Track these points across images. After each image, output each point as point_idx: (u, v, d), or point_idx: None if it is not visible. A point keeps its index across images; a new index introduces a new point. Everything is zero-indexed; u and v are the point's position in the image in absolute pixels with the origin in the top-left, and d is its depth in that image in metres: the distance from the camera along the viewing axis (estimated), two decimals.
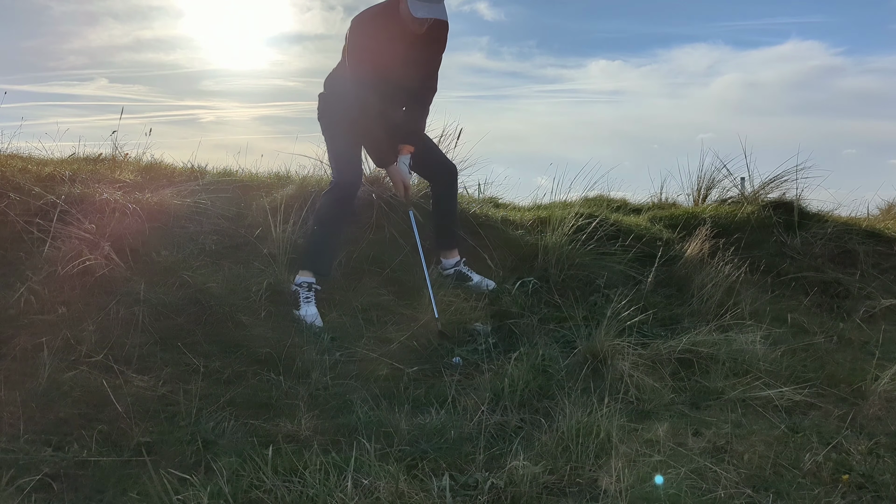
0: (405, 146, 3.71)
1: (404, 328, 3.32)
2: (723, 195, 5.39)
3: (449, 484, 2.02)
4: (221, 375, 2.75)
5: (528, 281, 3.86)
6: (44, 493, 1.93)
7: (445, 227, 3.91)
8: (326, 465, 2.00)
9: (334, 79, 3.74)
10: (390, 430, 2.35)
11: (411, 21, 3.36)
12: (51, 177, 3.74)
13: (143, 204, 3.66)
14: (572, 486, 2.09)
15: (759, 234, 4.73)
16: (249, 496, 1.90)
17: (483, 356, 3.09)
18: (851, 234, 4.83)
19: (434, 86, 3.77)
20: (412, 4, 3.30)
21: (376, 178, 4.30)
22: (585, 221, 4.24)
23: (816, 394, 2.91)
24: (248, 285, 3.37)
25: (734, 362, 3.08)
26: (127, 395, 2.44)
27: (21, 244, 3.16)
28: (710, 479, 2.17)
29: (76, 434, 2.21)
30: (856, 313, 4.07)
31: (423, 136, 3.88)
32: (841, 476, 2.22)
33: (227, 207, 4.05)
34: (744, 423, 2.60)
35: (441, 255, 3.93)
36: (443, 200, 3.89)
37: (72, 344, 2.65)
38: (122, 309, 2.90)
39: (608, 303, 3.53)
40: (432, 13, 3.33)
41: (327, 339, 3.15)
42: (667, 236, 4.59)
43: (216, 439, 2.28)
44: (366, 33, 3.46)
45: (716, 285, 3.86)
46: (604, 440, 2.27)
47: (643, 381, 2.86)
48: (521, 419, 2.55)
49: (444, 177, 3.89)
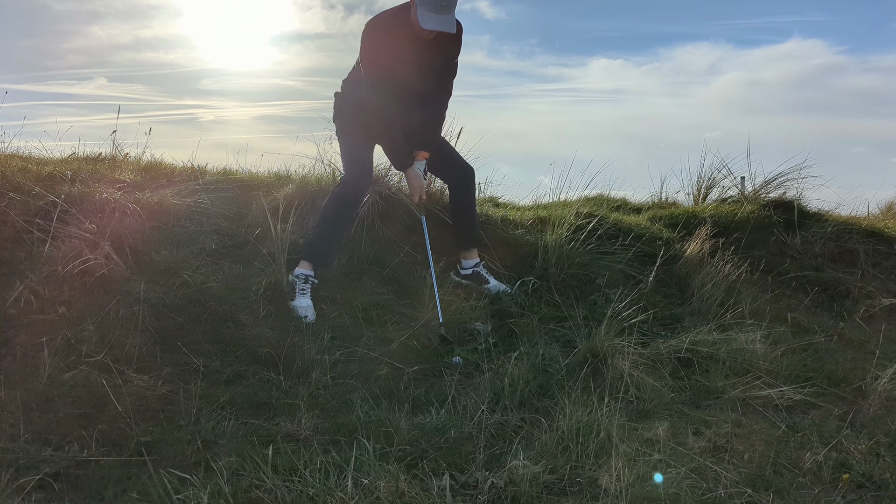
0: (420, 152, 3.74)
1: (404, 327, 3.32)
2: (723, 194, 5.39)
3: (449, 483, 2.02)
4: (221, 375, 2.75)
5: (528, 280, 3.86)
6: (44, 493, 1.93)
7: (464, 228, 3.94)
8: (326, 464, 2.00)
9: (350, 81, 3.76)
10: (390, 429, 2.35)
11: (420, 29, 3.39)
12: (51, 176, 3.74)
13: (143, 203, 3.67)
14: (572, 486, 2.09)
15: (760, 234, 4.72)
16: (249, 496, 1.90)
17: (483, 356, 3.09)
18: (852, 233, 4.83)
19: (449, 89, 3.79)
20: (421, 15, 3.34)
21: (377, 177, 4.30)
22: (585, 221, 4.24)
23: (816, 393, 2.91)
24: (248, 285, 3.38)
25: (734, 362, 3.08)
26: (127, 395, 2.44)
27: (21, 244, 3.16)
28: (711, 478, 2.17)
29: (76, 434, 2.21)
30: (856, 313, 4.07)
31: (440, 139, 3.91)
32: (841, 475, 2.23)
33: (227, 207, 4.05)
34: (744, 422, 2.60)
35: (460, 256, 3.96)
36: (460, 201, 3.93)
37: (72, 344, 2.65)
38: (122, 309, 2.90)
39: (608, 302, 3.54)
40: (440, 26, 3.37)
41: (327, 339, 3.15)
42: (667, 236, 4.59)
43: (216, 439, 2.28)
44: (378, 37, 3.49)
45: (716, 285, 3.86)
46: (604, 439, 2.27)
47: (643, 380, 2.86)
48: (521, 419, 2.55)
49: (460, 178, 3.91)
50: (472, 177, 3.94)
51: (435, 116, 3.79)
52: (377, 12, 3.62)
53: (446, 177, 4.01)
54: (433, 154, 3.80)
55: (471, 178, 3.93)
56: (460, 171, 3.91)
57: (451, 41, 3.62)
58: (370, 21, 3.53)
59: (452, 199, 3.97)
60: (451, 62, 3.71)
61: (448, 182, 4.03)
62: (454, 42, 3.64)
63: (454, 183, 3.94)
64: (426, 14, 3.34)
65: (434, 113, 3.78)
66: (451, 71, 3.74)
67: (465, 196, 3.91)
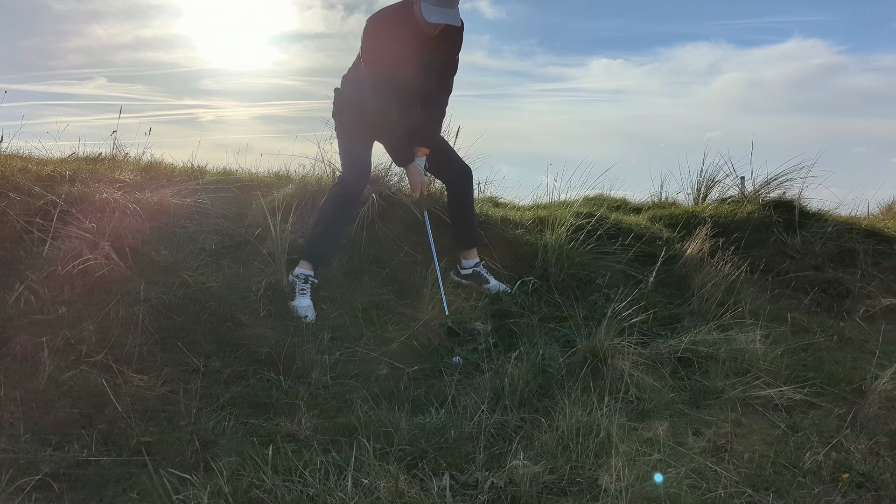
0: (420, 149, 3.74)
1: (404, 327, 3.32)
2: (723, 194, 5.39)
3: (449, 483, 2.03)
4: (221, 375, 2.75)
5: (528, 280, 3.86)
6: (44, 493, 1.93)
7: (463, 228, 3.94)
8: (326, 464, 2.00)
9: (350, 78, 3.76)
10: (390, 429, 2.35)
11: (424, 24, 3.38)
12: (51, 176, 3.74)
13: (143, 203, 3.67)
14: (572, 486, 2.09)
15: (760, 234, 4.72)
16: (249, 496, 1.90)
17: (483, 356, 3.09)
18: (852, 233, 4.83)
19: (450, 87, 3.80)
20: (425, 9, 3.32)
21: (377, 176, 4.30)
22: (585, 221, 4.24)
23: (816, 393, 2.91)
24: (248, 285, 3.38)
25: (734, 361, 3.08)
26: (127, 395, 2.44)
27: (21, 244, 3.16)
28: (710, 478, 2.17)
29: (76, 434, 2.21)
30: (856, 312, 4.06)
31: (439, 138, 3.91)
32: (841, 475, 2.22)
33: (227, 207, 4.05)
34: (744, 422, 2.60)
35: (460, 256, 3.96)
36: (459, 201, 3.93)
37: (72, 344, 2.65)
38: (122, 309, 2.90)
39: (608, 302, 3.53)
40: (445, 18, 3.35)
41: (327, 339, 3.15)
42: (667, 235, 4.59)
43: (216, 439, 2.28)
44: (380, 34, 3.48)
45: (716, 284, 3.86)
46: (604, 439, 2.27)
47: (643, 380, 2.86)
48: (521, 419, 2.55)
49: (458, 178, 3.92)
50: (469, 177, 3.94)
51: (436, 113, 3.79)
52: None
53: (445, 177, 4.02)
54: (432, 153, 3.80)
55: (469, 178, 3.94)
56: (459, 172, 3.92)
57: (452, 38, 3.61)
58: (371, 17, 3.52)
59: (451, 199, 3.97)
60: (452, 59, 3.71)
61: (446, 182, 4.03)
62: (456, 39, 3.64)
63: (452, 183, 3.95)
64: (430, 8, 3.32)
65: (435, 110, 3.78)
66: (452, 68, 3.74)
67: (463, 196, 3.92)
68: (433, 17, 3.33)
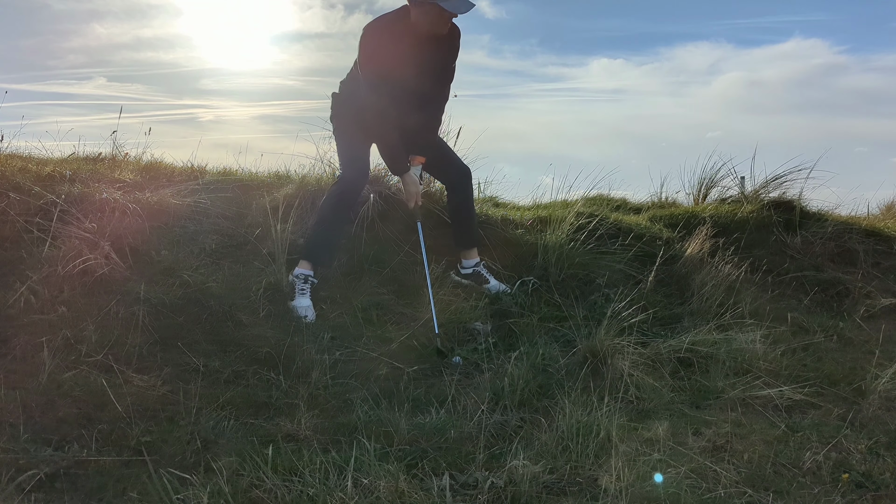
0: (416, 157, 3.76)
1: (404, 327, 3.32)
2: (723, 194, 5.39)
3: (449, 483, 2.02)
4: (221, 375, 2.75)
5: (528, 280, 3.86)
6: (44, 492, 1.93)
7: (463, 228, 3.95)
8: (326, 464, 2.00)
9: (348, 83, 3.77)
10: (390, 429, 2.35)
11: (434, 23, 3.36)
12: (51, 176, 3.74)
13: (143, 203, 3.66)
14: (572, 486, 2.09)
15: (760, 234, 4.72)
16: (249, 496, 1.90)
17: (483, 356, 3.09)
18: (851, 233, 4.83)
19: (446, 94, 3.81)
20: (451, 5, 3.28)
21: (376, 177, 4.30)
22: (585, 221, 4.24)
23: (816, 393, 2.91)
24: (248, 285, 3.38)
25: (734, 361, 3.09)
26: (127, 395, 2.44)
27: (21, 244, 3.16)
28: (710, 478, 2.17)
29: (76, 434, 2.21)
30: (856, 312, 4.06)
31: (437, 140, 3.92)
32: (841, 475, 2.22)
33: (227, 207, 4.05)
34: (744, 422, 2.60)
35: (460, 255, 3.97)
36: (458, 201, 3.94)
37: (72, 344, 2.65)
38: (122, 309, 2.90)
39: (608, 302, 3.54)
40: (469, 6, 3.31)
41: (327, 339, 3.15)
42: (667, 235, 4.59)
43: (216, 439, 2.28)
44: (379, 40, 3.48)
45: (716, 285, 3.86)
46: (604, 439, 2.27)
47: (643, 380, 2.86)
48: (521, 419, 2.55)
49: (458, 179, 3.93)
50: (468, 177, 3.95)
51: (432, 120, 3.81)
52: (378, 12, 3.63)
53: (444, 178, 4.03)
54: (430, 154, 3.80)
55: (468, 178, 3.95)
56: (458, 173, 3.93)
57: (449, 44, 3.63)
58: (369, 24, 3.52)
59: (450, 200, 3.99)
60: (449, 66, 3.72)
61: (446, 183, 4.05)
62: (453, 45, 3.65)
63: (452, 184, 3.96)
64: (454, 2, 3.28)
65: (431, 116, 3.79)
66: (449, 75, 3.75)
67: (462, 196, 3.93)
68: (462, 8, 3.30)
